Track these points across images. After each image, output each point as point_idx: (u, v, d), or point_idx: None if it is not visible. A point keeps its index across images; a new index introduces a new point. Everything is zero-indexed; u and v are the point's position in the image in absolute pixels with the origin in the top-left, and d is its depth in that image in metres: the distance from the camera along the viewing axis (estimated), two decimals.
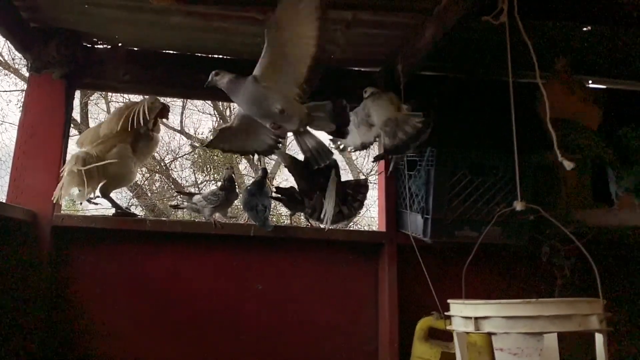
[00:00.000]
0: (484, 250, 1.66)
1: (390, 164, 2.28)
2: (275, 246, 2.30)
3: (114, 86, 2.48)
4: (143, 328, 2.15)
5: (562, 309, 1.18)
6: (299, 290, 2.30)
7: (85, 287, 2.14)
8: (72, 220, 2.15)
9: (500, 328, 1.22)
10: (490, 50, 2.19)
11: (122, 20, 2.11)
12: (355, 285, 2.33)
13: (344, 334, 2.28)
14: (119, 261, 2.19)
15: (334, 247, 2.34)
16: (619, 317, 2.34)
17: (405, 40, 2.22)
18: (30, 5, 2.05)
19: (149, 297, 2.18)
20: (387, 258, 2.27)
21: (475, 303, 1.29)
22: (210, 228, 2.17)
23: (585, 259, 1.29)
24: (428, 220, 2.05)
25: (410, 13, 2.01)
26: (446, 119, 2.44)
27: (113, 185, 2.17)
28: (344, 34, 2.17)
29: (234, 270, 2.26)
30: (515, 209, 1.43)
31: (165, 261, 2.22)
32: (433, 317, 1.97)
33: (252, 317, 2.24)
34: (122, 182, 2.25)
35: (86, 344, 2.10)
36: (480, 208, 2.04)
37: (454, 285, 1.57)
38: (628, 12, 1.77)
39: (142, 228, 2.15)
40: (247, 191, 2.24)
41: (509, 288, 2.35)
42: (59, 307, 2.10)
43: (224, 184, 2.23)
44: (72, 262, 2.15)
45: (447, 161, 2.05)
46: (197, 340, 2.18)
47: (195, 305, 2.21)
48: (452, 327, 1.38)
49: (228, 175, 2.27)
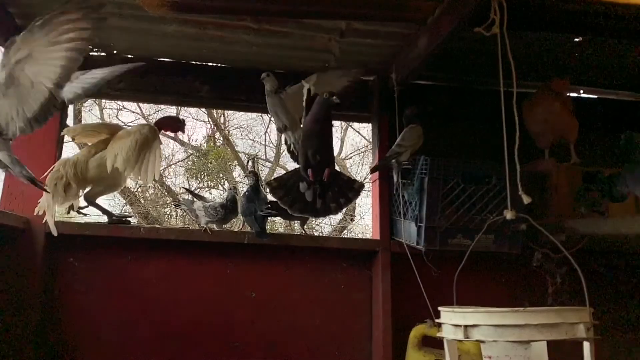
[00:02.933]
0: (476, 257, 1.67)
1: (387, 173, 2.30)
2: (269, 254, 2.30)
3: (109, 94, 2.50)
4: (137, 335, 2.14)
5: (549, 318, 1.20)
6: (293, 297, 2.30)
7: (79, 294, 2.13)
8: (65, 228, 2.14)
9: (489, 336, 1.23)
10: (483, 60, 2.22)
11: (118, 28, 2.12)
12: (349, 292, 2.34)
13: (337, 341, 2.28)
14: (112, 268, 2.18)
15: (328, 255, 2.35)
16: (611, 324, 2.37)
17: (399, 49, 2.24)
18: (25, 12, 2.06)
19: (142, 304, 2.17)
20: (381, 265, 2.27)
21: (464, 311, 1.30)
22: (204, 236, 2.17)
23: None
24: (422, 228, 2.07)
25: (403, 23, 2.03)
26: (439, 127, 2.47)
27: (97, 191, 2.10)
28: (338, 43, 2.20)
29: (228, 277, 2.26)
30: (505, 217, 1.45)
31: (159, 268, 2.22)
32: (426, 325, 1.98)
33: (245, 325, 2.23)
34: (106, 188, 2.13)
35: (80, 351, 2.08)
36: (473, 216, 2.06)
37: (448, 292, 1.58)
38: (617, 23, 1.80)
39: (136, 235, 2.15)
40: (245, 197, 2.24)
41: (501, 295, 2.36)
42: (53, 313, 2.08)
43: (226, 204, 2.25)
44: (66, 269, 2.14)
45: (440, 170, 2.07)
46: (191, 347, 2.17)
47: (189, 313, 2.20)
48: (442, 335, 1.39)
49: (231, 196, 2.28)
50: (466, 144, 2.49)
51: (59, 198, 1.96)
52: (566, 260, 1.37)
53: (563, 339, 1.18)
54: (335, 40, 2.18)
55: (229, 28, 2.09)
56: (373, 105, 2.51)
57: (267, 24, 2.07)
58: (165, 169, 8.22)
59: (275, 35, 2.15)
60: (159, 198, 8.60)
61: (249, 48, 2.26)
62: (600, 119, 2.64)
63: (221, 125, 8.66)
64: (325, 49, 2.27)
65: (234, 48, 2.27)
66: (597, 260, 2.40)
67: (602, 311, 2.31)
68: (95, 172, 2.01)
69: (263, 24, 2.06)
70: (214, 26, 2.07)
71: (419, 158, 2.12)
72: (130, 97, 2.52)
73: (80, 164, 2.01)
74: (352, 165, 9.45)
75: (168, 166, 8.12)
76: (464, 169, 2.09)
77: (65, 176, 1.97)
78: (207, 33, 2.13)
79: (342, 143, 9.53)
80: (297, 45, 2.25)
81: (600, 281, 2.40)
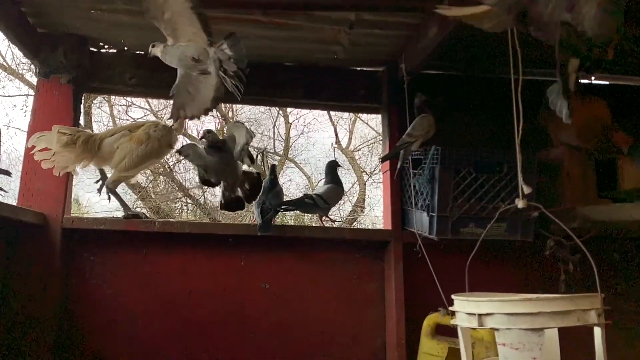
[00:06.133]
0: (489, 246, 1.68)
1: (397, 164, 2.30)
2: (282, 245, 2.32)
3: (121, 90, 2.53)
4: (152, 326, 2.18)
5: (562, 305, 1.20)
6: (306, 288, 2.32)
7: (95, 287, 2.17)
8: (81, 223, 2.18)
9: (502, 324, 1.24)
10: (493, 48, 2.21)
11: (128, 25, 2.14)
12: (362, 283, 2.36)
13: (351, 331, 2.30)
14: (128, 262, 2.22)
15: (340, 246, 2.37)
16: (626, 310, 2.36)
17: (408, 39, 2.24)
18: (37, 11, 2.09)
19: (157, 297, 2.21)
20: (393, 256, 2.29)
21: (478, 300, 1.31)
22: (218, 229, 2.19)
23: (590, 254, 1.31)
24: (434, 217, 2.07)
25: (413, 13, 2.03)
26: (450, 116, 2.47)
27: (113, 167, 2.12)
28: (347, 34, 2.20)
29: (242, 269, 2.29)
30: (517, 206, 1.45)
31: (173, 261, 2.25)
32: (440, 314, 1.98)
33: (259, 316, 2.26)
34: (121, 169, 2.10)
35: (97, 344, 2.12)
36: (485, 205, 2.06)
37: (460, 281, 1.59)
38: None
39: (150, 229, 2.18)
40: (262, 188, 2.25)
41: (514, 283, 2.36)
42: (70, 306, 2.13)
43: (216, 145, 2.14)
44: (82, 263, 2.18)
45: (451, 159, 2.07)
46: (206, 338, 2.20)
47: (204, 305, 2.23)
48: (456, 322, 1.40)
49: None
50: (477, 132, 2.49)
51: (59, 148, 2.01)
52: (579, 247, 1.37)
53: (575, 325, 1.20)
54: (344, 31, 2.18)
55: (238, 22, 2.10)
56: (382, 96, 2.51)
57: (276, 17, 2.07)
58: (175, 164, 8.27)
59: (285, 28, 2.15)
60: (169, 193, 8.67)
61: (259, 42, 2.27)
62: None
63: (230, 119, 8.68)
64: (335, 41, 2.27)
65: None
66: (610, 247, 2.39)
67: (614, 297, 2.34)
68: (101, 154, 2.08)
69: (272, 17, 2.07)
70: (223, 20, 2.08)
71: (430, 148, 2.12)
72: (141, 93, 2.54)
73: (95, 139, 2.07)
74: (361, 156, 9.46)
75: (178, 161, 8.17)
76: (475, 157, 2.09)
77: (78, 138, 2.02)
78: (217, 28, 2.13)
79: (350, 135, 9.53)
80: (307, 38, 2.25)
81: (614, 268, 2.40)
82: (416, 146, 2.16)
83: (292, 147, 9.39)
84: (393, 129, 2.43)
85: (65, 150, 2.01)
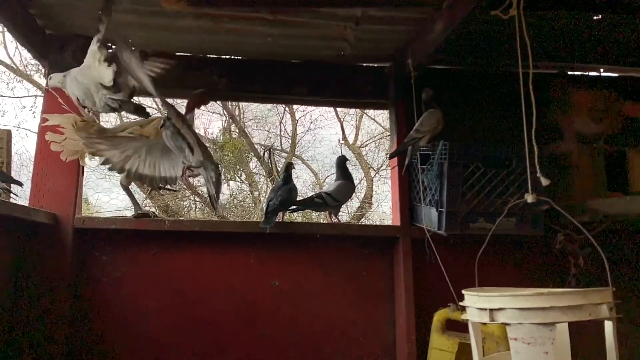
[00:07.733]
0: (498, 240, 1.67)
1: (405, 160, 2.30)
2: (291, 243, 2.33)
3: None
4: (162, 325, 2.19)
5: (574, 300, 1.20)
6: (315, 285, 2.33)
7: (106, 286, 2.19)
8: (92, 222, 2.20)
9: (514, 319, 1.24)
10: (500, 42, 2.20)
11: (135, 24, 2.14)
12: (371, 279, 2.36)
13: (361, 327, 2.31)
14: (138, 260, 2.23)
15: (349, 242, 2.37)
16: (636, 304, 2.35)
17: (414, 35, 2.23)
18: (45, 13, 2.10)
19: (168, 295, 2.22)
20: (402, 251, 2.29)
21: (489, 295, 1.31)
22: (228, 226, 2.21)
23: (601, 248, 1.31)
24: (443, 213, 2.07)
25: (419, 8, 2.02)
26: (458, 111, 2.46)
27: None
28: (353, 30, 2.20)
29: (251, 267, 2.30)
30: (526, 201, 1.45)
31: (184, 260, 2.26)
32: (450, 309, 1.99)
33: (269, 313, 2.27)
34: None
35: (108, 342, 2.14)
36: (495, 200, 2.06)
37: (470, 276, 1.59)
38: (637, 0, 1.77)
39: (161, 228, 2.20)
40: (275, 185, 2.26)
41: (524, 277, 2.36)
42: (81, 305, 2.15)
43: None
44: (93, 262, 2.20)
45: (459, 154, 2.06)
46: (216, 335, 2.22)
47: (214, 302, 2.25)
48: (467, 317, 1.41)
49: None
50: (485, 127, 2.48)
51: (73, 132, 2.06)
52: (589, 241, 1.37)
53: (587, 319, 1.20)
54: (350, 28, 2.17)
55: (244, 20, 2.10)
56: (389, 92, 2.51)
57: (282, 15, 2.07)
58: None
59: (290, 26, 2.15)
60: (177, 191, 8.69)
61: (265, 39, 2.27)
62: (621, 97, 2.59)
63: (237, 117, 8.70)
64: (341, 37, 2.27)
65: (249, 40, 2.29)
66: (620, 241, 2.38)
67: (627, 292, 2.32)
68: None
69: (278, 14, 2.07)
70: (229, 19, 2.08)
71: (438, 143, 2.11)
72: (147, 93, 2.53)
73: (107, 132, 2.11)
74: (368, 152, 9.43)
75: None
76: (483, 152, 2.08)
77: (92, 126, 2.08)
78: (223, 26, 2.15)
79: (357, 131, 9.51)
80: (312, 35, 2.25)
81: (625, 262, 2.38)
82: (424, 142, 2.16)
83: (298, 144, 9.39)
84: (400, 125, 2.42)
85: (78, 135, 2.04)
